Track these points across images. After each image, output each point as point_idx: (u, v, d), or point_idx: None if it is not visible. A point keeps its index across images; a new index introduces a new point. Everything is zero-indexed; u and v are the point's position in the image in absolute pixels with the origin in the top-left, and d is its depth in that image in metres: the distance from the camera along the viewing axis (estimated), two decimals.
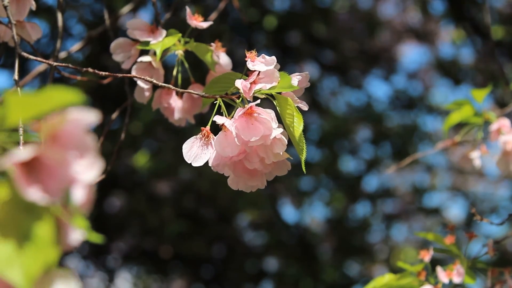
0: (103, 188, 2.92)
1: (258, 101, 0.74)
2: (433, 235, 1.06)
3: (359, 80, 3.50)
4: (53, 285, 0.45)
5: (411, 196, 3.81)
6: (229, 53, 0.95)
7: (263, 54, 0.76)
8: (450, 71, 3.39)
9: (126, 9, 1.33)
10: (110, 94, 2.53)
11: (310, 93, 3.38)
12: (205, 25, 0.92)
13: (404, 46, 3.75)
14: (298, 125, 0.76)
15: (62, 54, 1.20)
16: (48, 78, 1.01)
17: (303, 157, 0.76)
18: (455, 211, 4.03)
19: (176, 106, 0.94)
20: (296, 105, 0.76)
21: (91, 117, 0.45)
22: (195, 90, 0.90)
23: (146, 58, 0.91)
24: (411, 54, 5.86)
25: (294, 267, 3.20)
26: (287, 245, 3.28)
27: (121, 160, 2.81)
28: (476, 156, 1.20)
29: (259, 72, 0.75)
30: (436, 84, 3.79)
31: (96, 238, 0.51)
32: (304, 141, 0.77)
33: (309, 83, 0.79)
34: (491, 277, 1.01)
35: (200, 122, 0.78)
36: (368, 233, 3.59)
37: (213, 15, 1.30)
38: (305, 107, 0.77)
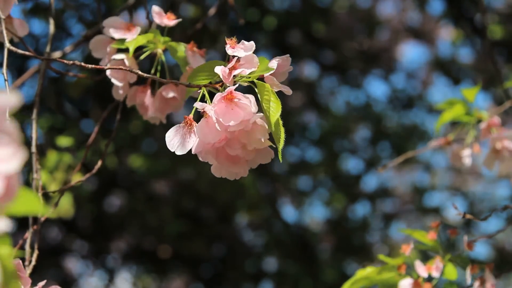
0: (102, 188, 2.93)
1: (237, 85, 0.74)
2: (417, 232, 1.06)
3: (358, 80, 3.50)
4: None
5: (411, 196, 3.81)
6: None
7: (242, 41, 0.76)
8: (449, 70, 3.40)
9: (122, 8, 1.33)
10: (108, 93, 2.52)
11: (310, 93, 3.38)
12: (172, 23, 0.92)
13: (403, 45, 3.75)
14: (275, 111, 0.74)
15: (58, 54, 1.21)
16: (44, 76, 1.02)
17: (280, 146, 0.74)
18: (455, 211, 4.03)
19: (150, 104, 0.95)
20: (278, 90, 0.76)
21: (10, 100, 0.40)
22: (168, 90, 0.91)
23: (119, 56, 0.91)
24: (410, 53, 5.87)
25: (294, 267, 3.20)
26: (287, 245, 3.28)
27: (120, 159, 2.82)
28: (466, 155, 1.21)
29: (239, 58, 0.75)
30: (435, 84, 3.80)
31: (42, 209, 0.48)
32: (281, 129, 0.75)
33: (308, 82, 0.79)
34: (472, 273, 1.01)
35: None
36: (368, 232, 3.59)
37: (211, 12, 1.31)
38: (288, 92, 0.76)
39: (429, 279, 1.00)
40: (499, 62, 2.83)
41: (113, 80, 0.92)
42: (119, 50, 0.93)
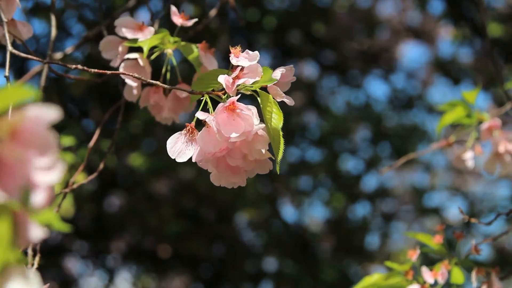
0: (102, 188, 2.93)
1: (239, 95, 0.73)
2: (422, 236, 1.06)
3: (359, 80, 3.50)
4: (10, 282, 0.44)
5: (411, 196, 3.81)
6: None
7: (247, 50, 0.76)
8: (449, 70, 3.40)
9: (123, 9, 1.33)
10: (109, 93, 2.53)
11: (310, 93, 3.38)
12: (189, 23, 0.92)
13: (403, 45, 3.75)
14: (276, 123, 0.74)
15: (59, 55, 1.20)
16: (46, 78, 1.02)
17: (279, 158, 0.74)
18: (455, 211, 4.03)
19: (163, 104, 0.95)
20: (281, 100, 0.76)
21: (52, 114, 0.43)
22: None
23: (133, 55, 0.91)
24: (410, 53, 5.88)
25: (294, 267, 3.20)
26: (287, 245, 3.28)
27: (120, 159, 2.82)
28: (469, 157, 1.21)
29: (243, 67, 0.75)
30: (435, 84, 3.80)
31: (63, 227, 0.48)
32: (281, 140, 0.74)
33: (308, 82, 0.79)
34: (478, 275, 1.01)
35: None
36: (367, 233, 3.59)
37: (212, 13, 1.31)
38: (290, 102, 0.76)
39: (435, 283, 1.00)
40: (499, 62, 2.83)
41: (127, 81, 0.92)
42: (130, 50, 0.92)
